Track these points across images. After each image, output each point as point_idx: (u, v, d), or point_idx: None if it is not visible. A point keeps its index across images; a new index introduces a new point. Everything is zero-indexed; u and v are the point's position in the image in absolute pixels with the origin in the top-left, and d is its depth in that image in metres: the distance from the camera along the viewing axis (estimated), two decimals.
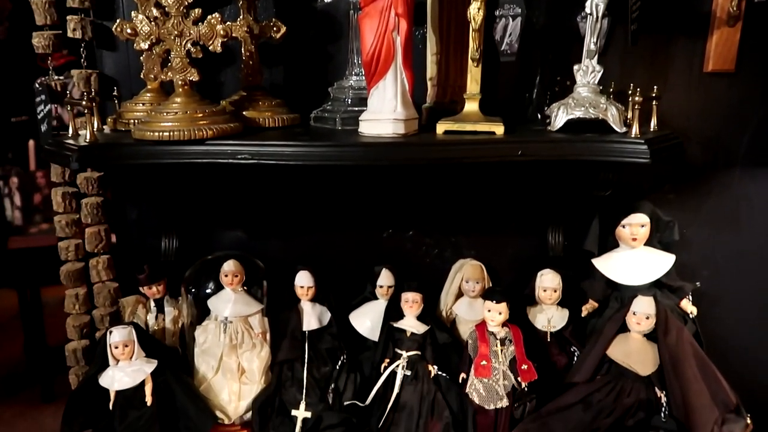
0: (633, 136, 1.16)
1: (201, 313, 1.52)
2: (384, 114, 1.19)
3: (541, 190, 1.53)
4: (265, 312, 1.52)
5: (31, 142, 3.68)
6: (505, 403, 1.39)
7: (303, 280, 1.52)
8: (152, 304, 1.53)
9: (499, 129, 1.20)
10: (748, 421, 1.33)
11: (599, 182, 1.35)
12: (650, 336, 1.37)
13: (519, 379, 1.40)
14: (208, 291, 1.48)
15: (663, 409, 1.34)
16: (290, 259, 1.56)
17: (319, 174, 1.52)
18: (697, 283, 1.52)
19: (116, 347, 1.37)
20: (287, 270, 1.54)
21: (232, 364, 1.47)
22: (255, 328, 1.49)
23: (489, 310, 1.40)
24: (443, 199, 1.58)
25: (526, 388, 1.41)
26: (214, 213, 1.58)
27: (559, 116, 1.23)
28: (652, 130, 1.24)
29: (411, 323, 1.47)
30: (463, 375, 1.42)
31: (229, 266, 1.47)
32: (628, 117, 1.21)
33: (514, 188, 1.54)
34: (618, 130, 1.21)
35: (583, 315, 1.51)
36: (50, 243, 1.50)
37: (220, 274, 1.48)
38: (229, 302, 1.47)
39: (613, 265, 1.49)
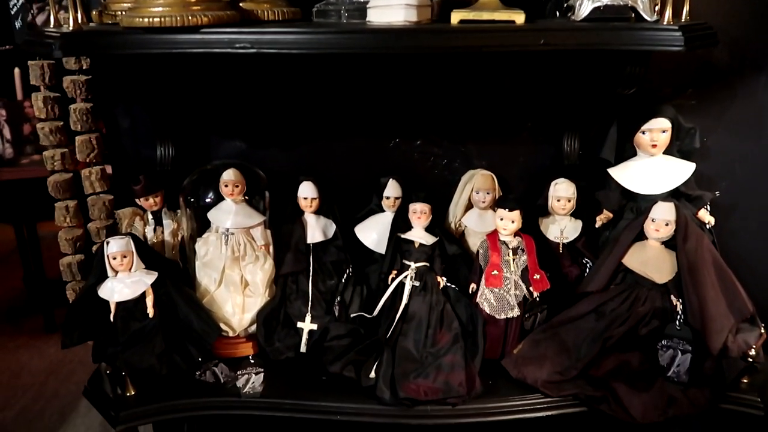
0: (665, 23, 1.07)
1: (201, 226, 1.47)
2: None
3: (559, 91, 1.45)
4: (268, 224, 1.46)
5: (17, 70, 3.54)
6: (516, 313, 1.36)
7: (306, 191, 1.46)
8: (150, 216, 1.48)
9: (519, 17, 1.11)
10: (762, 331, 1.31)
11: (624, 78, 1.27)
12: (668, 244, 1.33)
13: (531, 289, 1.36)
14: (208, 200, 1.42)
15: (678, 317, 1.31)
16: (293, 169, 1.49)
17: (323, 72, 1.43)
18: (717, 193, 1.46)
19: (114, 258, 1.32)
20: (290, 181, 1.47)
21: (235, 276, 1.42)
22: (257, 241, 1.44)
23: (501, 219, 1.35)
24: (454, 103, 1.49)
25: (537, 299, 1.38)
26: (211, 119, 1.50)
27: (585, 4, 1.13)
28: (683, 21, 1.15)
29: (419, 234, 1.42)
30: (473, 285, 1.39)
31: (228, 175, 1.40)
32: (658, 5, 1.12)
33: (530, 89, 1.45)
34: (648, 18, 1.11)
35: (597, 226, 1.45)
36: (42, 174, 1.43)
37: (219, 185, 1.42)
38: (230, 213, 1.41)
39: (629, 175, 1.43)
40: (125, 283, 1.33)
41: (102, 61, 1.37)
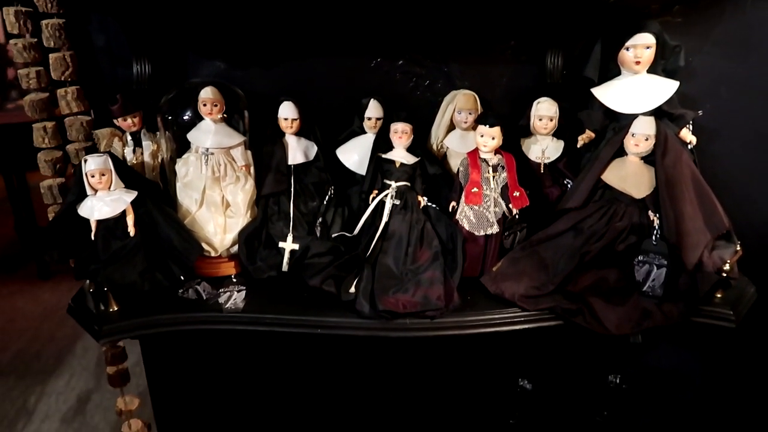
0: None
1: (181, 147, 1.45)
2: None
3: (543, 6, 1.41)
4: (248, 145, 1.45)
5: None
6: (495, 229, 1.37)
7: (287, 112, 1.44)
8: (129, 137, 1.46)
9: None
10: (738, 247, 1.32)
11: None
12: (647, 160, 1.33)
13: (510, 206, 1.37)
14: (186, 118, 1.40)
15: (654, 232, 1.32)
16: (273, 90, 1.47)
17: None
18: (699, 112, 1.45)
19: (92, 176, 1.31)
20: (270, 102, 1.46)
21: (216, 197, 1.42)
22: (238, 161, 1.43)
23: (482, 135, 1.34)
24: (436, 21, 1.46)
25: (517, 216, 1.38)
26: (189, 36, 1.46)
27: None
28: None
29: (400, 154, 1.42)
30: (453, 203, 1.39)
31: (206, 93, 1.38)
32: None
33: (514, 4, 1.42)
34: None
35: (578, 146, 1.44)
36: (28, 119, 1.39)
37: (198, 104, 1.40)
38: (210, 133, 1.40)
39: (612, 94, 1.41)
40: (105, 201, 1.32)
41: None
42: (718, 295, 1.35)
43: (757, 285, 1.41)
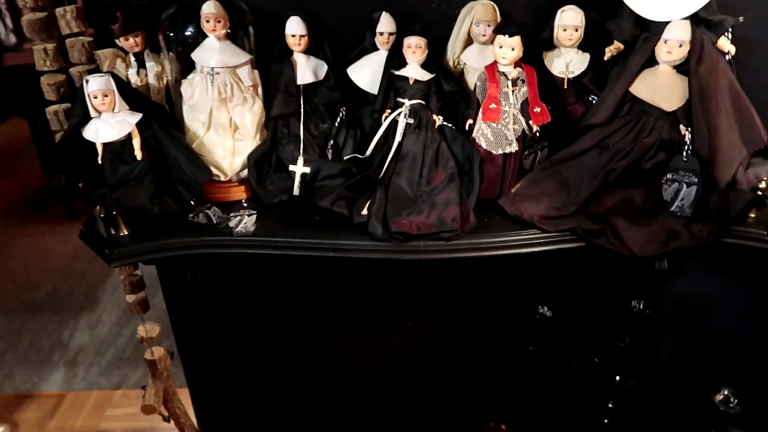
0: None
1: (185, 68, 1.40)
2: None
3: None
4: (255, 64, 1.39)
5: None
6: (514, 148, 1.30)
7: (294, 28, 1.37)
8: (132, 58, 1.41)
9: None
10: None
11: None
12: (680, 69, 1.23)
13: (531, 122, 1.29)
14: (188, 34, 1.34)
15: (685, 148, 1.23)
16: (278, 5, 1.39)
17: None
18: (740, 18, 1.33)
19: (95, 97, 1.27)
20: (276, 19, 1.38)
21: (223, 119, 1.37)
22: (245, 81, 1.37)
23: (500, 46, 1.25)
24: None
25: (537, 134, 1.31)
26: None
27: None
28: None
29: (414, 70, 1.34)
30: (470, 121, 1.32)
31: (209, 8, 1.31)
32: None
33: None
34: None
35: (605, 58, 1.34)
36: None
37: (201, 20, 1.33)
38: (215, 51, 1.34)
39: (644, 0, 1.30)
40: (109, 123, 1.29)
41: None
42: (752, 215, 1.27)
43: None
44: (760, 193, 1.23)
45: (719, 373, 1.68)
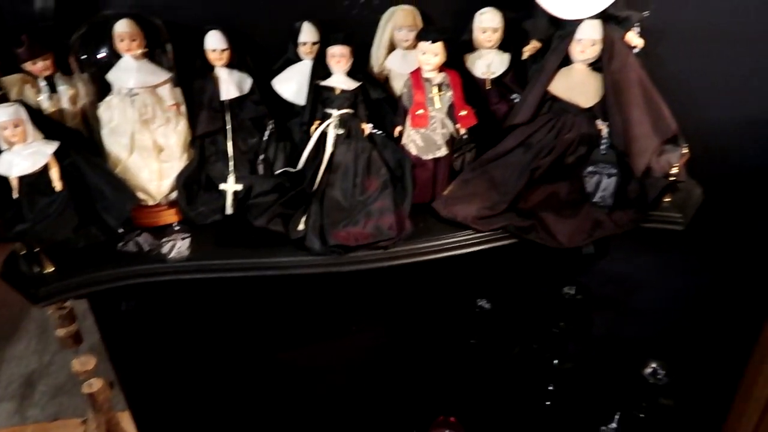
0: None
1: (101, 90, 1.34)
2: None
3: None
4: (176, 81, 1.34)
5: None
6: (444, 152, 1.33)
7: (214, 42, 1.33)
8: (42, 83, 1.33)
9: None
10: (685, 150, 1.31)
11: None
12: (595, 66, 1.29)
13: (458, 126, 1.32)
14: (102, 56, 1.28)
15: (603, 142, 1.30)
16: (196, 20, 1.35)
17: None
18: (645, 13, 1.40)
19: (5, 128, 1.19)
20: (195, 33, 1.34)
21: (147, 141, 1.32)
22: (166, 100, 1.32)
23: (423, 53, 1.27)
24: None
25: (465, 136, 1.34)
26: None
27: None
28: None
29: (340, 80, 1.33)
30: (399, 128, 1.34)
31: (122, 27, 1.26)
32: None
33: None
34: None
35: (524, 57, 1.38)
36: None
37: (114, 40, 1.27)
38: (132, 71, 1.28)
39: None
40: (22, 155, 1.21)
41: None
42: (667, 200, 1.36)
43: (705, 186, 1.42)
44: (672, 178, 1.31)
45: (649, 346, 1.79)
